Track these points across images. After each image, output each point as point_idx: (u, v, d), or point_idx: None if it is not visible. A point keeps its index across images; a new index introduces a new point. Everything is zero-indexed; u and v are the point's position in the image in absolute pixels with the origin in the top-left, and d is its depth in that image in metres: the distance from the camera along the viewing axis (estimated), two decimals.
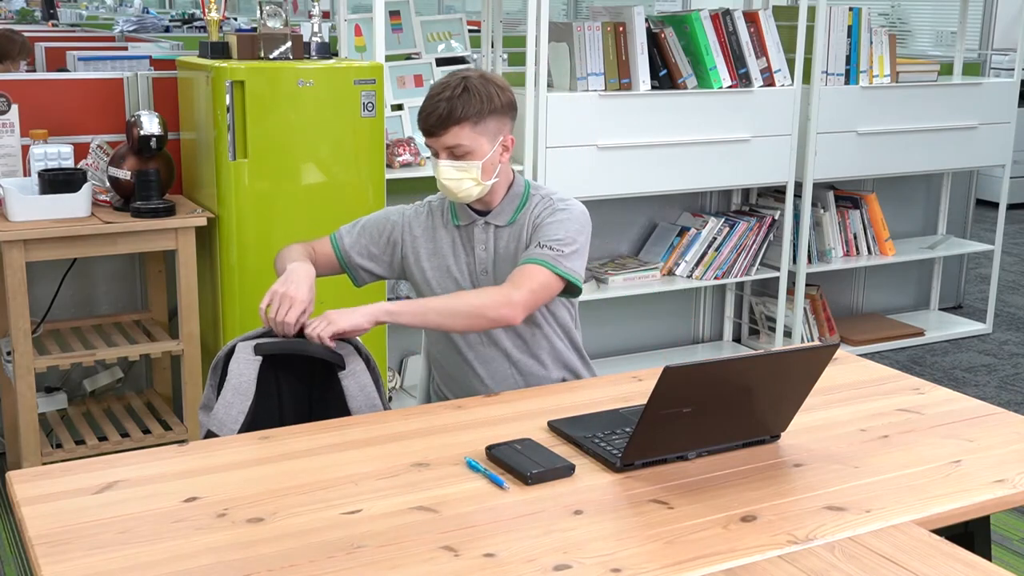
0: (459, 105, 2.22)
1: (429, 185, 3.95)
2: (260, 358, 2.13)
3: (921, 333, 5.14)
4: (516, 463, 1.77)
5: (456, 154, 2.24)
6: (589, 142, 4.02)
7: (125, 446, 3.30)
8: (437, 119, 2.23)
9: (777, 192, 4.72)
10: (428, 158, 3.93)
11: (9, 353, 3.21)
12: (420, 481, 1.75)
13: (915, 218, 5.42)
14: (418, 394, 2.63)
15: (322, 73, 3.30)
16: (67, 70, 4.70)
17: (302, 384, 2.25)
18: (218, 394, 2.14)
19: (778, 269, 4.66)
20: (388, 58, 3.81)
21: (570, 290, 2.29)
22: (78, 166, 3.40)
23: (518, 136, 3.59)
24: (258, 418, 2.09)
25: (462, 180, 2.25)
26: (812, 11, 4.42)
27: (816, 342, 4.84)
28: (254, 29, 3.40)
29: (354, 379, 2.14)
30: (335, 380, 2.15)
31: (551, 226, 2.29)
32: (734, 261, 4.57)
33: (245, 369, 2.11)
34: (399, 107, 4.04)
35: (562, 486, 1.74)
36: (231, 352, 2.16)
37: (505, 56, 4.50)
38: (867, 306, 5.37)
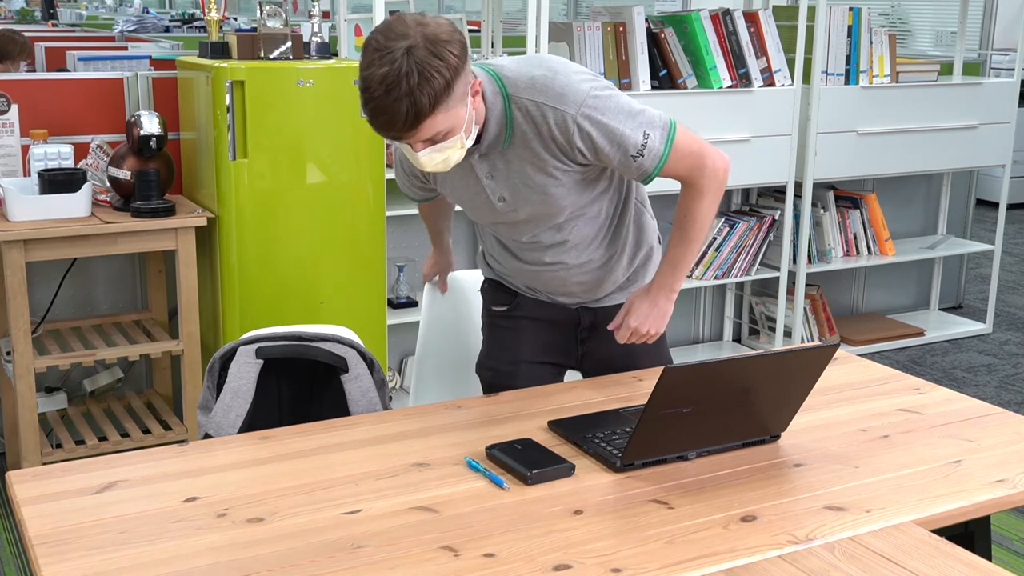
0: (424, 97, 1.79)
1: None
2: (261, 361, 2.12)
3: (921, 333, 5.15)
4: (516, 463, 1.77)
5: (435, 140, 1.89)
6: None
7: (125, 446, 3.30)
8: (405, 122, 1.81)
9: (777, 192, 4.72)
10: None
11: (9, 353, 3.21)
12: (420, 481, 1.75)
13: (915, 218, 5.43)
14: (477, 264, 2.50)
15: (322, 73, 3.30)
16: (67, 70, 4.70)
17: (302, 387, 2.25)
18: (216, 395, 2.13)
19: (778, 269, 4.66)
20: None
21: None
22: (78, 166, 3.40)
23: None
24: (256, 421, 2.08)
25: (448, 157, 1.93)
26: (812, 11, 4.42)
27: (816, 342, 4.84)
28: (254, 29, 3.40)
29: (357, 383, 2.13)
30: (336, 383, 2.14)
31: (608, 139, 1.98)
32: (734, 261, 4.57)
33: (245, 372, 2.11)
34: None
35: (562, 486, 1.74)
36: (228, 354, 2.15)
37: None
38: (867, 306, 5.37)
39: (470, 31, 4.47)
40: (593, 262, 2.25)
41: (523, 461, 1.77)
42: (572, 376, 2.43)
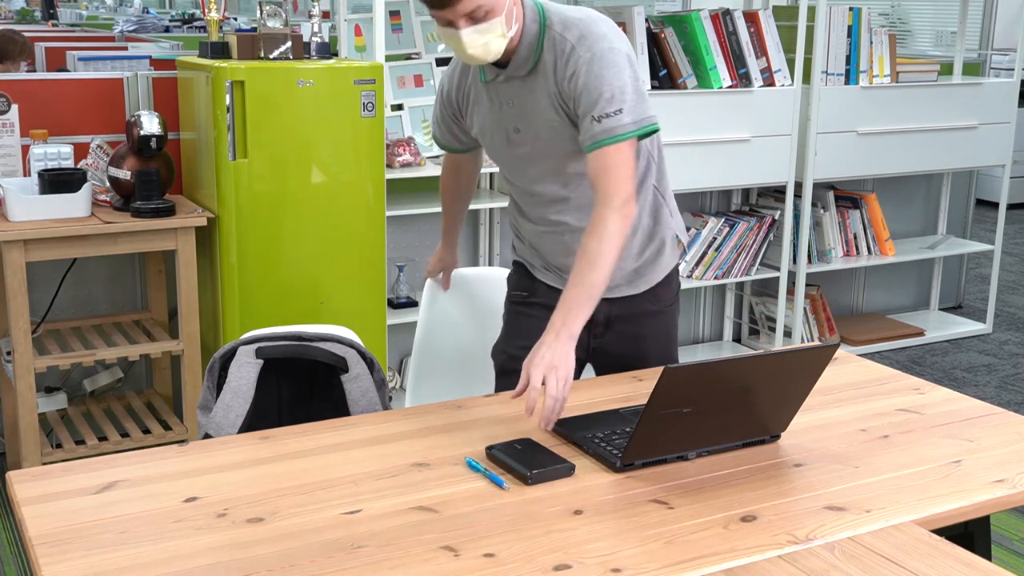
0: None
1: (429, 185, 3.95)
2: (261, 361, 2.12)
3: (921, 333, 5.15)
4: (516, 463, 1.77)
5: (476, 17, 1.98)
6: None
7: (125, 446, 3.30)
8: None
9: (777, 192, 4.72)
10: (431, 157, 3.93)
11: (9, 353, 3.21)
12: (420, 481, 1.75)
13: (915, 218, 5.43)
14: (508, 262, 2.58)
15: (322, 73, 3.30)
16: (67, 70, 4.70)
17: (302, 387, 2.25)
18: (216, 395, 2.14)
19: (778, 269, 4.66)
20: (388, 58, 3.81)
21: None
22: (78, 166, 3.40)
23: None
24: (256, 421, 2.09)
25: (489, 42, 2.01)
26: (812, 11, 4.42)
27: (816, 342, 4.84)
28: (254, 29, 3.40)
29: (356, 383, 2.13)
30: (336, 383, 2.14)
31: (589, 86, 2.03)
32: (734, 261, 4.57)
33: (245, 372, 2.11)
34: (399, 107, 4.04)
35: (562, 486, 1.74)
36: (228, 354, 2.16)
37: None
38: (867, 306, 5.37)
39: None
40: None
41: (523, 461, 1.77)
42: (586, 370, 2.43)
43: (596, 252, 2.00)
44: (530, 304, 2.42)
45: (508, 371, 2.38)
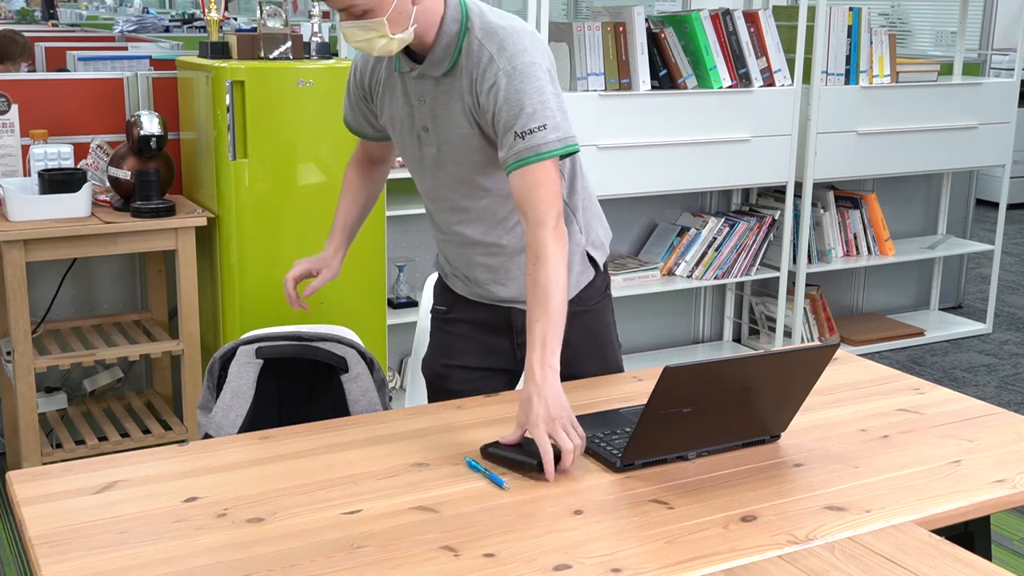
0: None
1: None
2: (261, 361, 2.13)
3: (921, 333, 5.15)
4: (520, 455, 1.77)
5: (354, 13, 1.91)
6: (589, 142, 4.03)
7: (125, 446, 3.30)
8: None
9: (777, 192, 4.72)
10: None
11: (9, 353, 3.21)
12: (420, 481, 1.75)
13: (915, 218, 5.43)
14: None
15: (322, 73, 3.30)
16: (67, 70, 4.70)
17: (302, 387, 2.25)
18: (216, 395, 2.14)
19: (778, 269, 4.66)
20: None
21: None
22: (78, 166, 3.40)
23: None
24: (256, 421, 2.09)
25: (372, 40, 1.93)
26: (812, 11, 4.42)
27: (816, 342, 4.84)
28: (254, 29, 3.40)
29: (356, 383, 2.13)
30: (336, 383, 2.14)
31: (510, 100, 1.94)
32: (734, 261, 4.57)
33: (245, 372, 2.11)
34: None
35: (562, 486, 1.74)
36: (228, 354, 2.16)
37: None
38: (867, 306, 5.37)
39: None
40: (496, 248, 2.18)
41: (527, 452, 1.77)
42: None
43: (546, 278, 1.91)
44: (450, 320, 2.33)
45: (437, 388, 2.32)
